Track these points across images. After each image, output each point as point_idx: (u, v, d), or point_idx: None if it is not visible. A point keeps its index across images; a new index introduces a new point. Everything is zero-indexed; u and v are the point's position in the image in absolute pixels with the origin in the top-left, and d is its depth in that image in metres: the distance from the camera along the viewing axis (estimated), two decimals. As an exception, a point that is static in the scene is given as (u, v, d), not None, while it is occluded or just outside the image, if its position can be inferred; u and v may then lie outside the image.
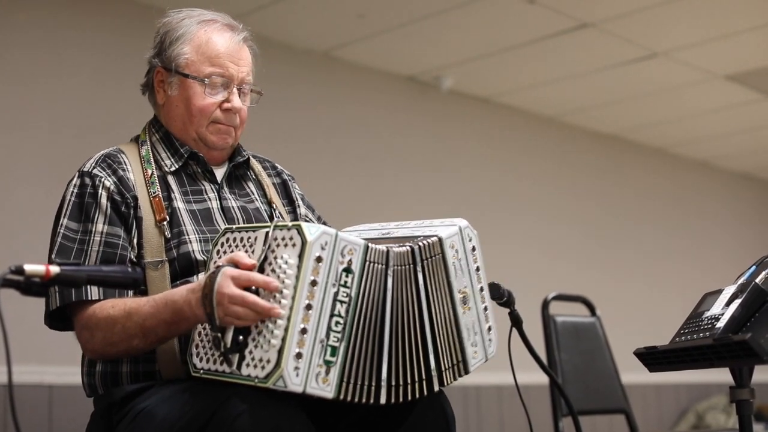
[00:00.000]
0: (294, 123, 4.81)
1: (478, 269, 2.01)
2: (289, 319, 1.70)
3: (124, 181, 2.03)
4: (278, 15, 4.47)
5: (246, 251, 1.79)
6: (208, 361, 1.80)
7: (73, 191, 2.03)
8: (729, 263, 5.04)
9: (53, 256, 1.97)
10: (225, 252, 1.84)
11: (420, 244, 1.90)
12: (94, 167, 2.04)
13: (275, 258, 1.74)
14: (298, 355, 1.69)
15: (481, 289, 2.01)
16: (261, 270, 1.76)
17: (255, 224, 1.92)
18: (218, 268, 1.76)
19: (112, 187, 2.01)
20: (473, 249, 2.00)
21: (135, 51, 4.33)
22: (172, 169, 2.09)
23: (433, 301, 1.91)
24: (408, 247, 1.88)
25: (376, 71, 5.35)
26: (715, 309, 2.06)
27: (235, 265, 1.76)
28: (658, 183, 7.09)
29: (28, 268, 1.54)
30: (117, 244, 1.97)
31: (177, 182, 2.09)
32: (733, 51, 5.23)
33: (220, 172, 2.16)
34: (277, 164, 2.34)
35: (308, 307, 1.71)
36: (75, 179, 2.05)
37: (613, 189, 6.72)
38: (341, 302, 1.75)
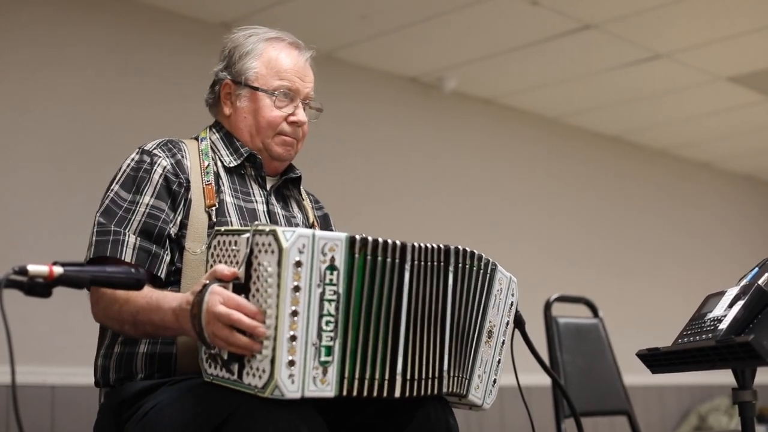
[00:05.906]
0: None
1: (507, 324, 2.07)
2: (276, 328, 1.69)
3: (181, 164, 2.11)
4: (280, 16, 4.47)
5: (234, 256, 1.79)
6: (216, 368, 1.80)
7: (130, 164, 2.11)
8: (731, 265, 5.03)
9: (98, 215, 2.05)
10: (216, 255, 1.84)
11: (458, 247, 1.94)
12: (155, 147, 2.13)
13: (259, 264, 1.73)
14: (291, 363, 1.68)
15: (503, 343, 2.06)
16: (247, 275, 1.75)
17: (239, 228, 1.92)
18: (205, 286, 1.77)
19: (168, 167, 2.09)
20: (512, 305, 2.08)
21: (138, 50, 4.37)
22: (231, 165, 2.17)
23: (461, 308, 1.95)
24: (438, 246, 1.90)
25: (379, 72, 5.36)
26: (718, 311, 2.06)
27: (219, 279, 1.77)
28: (660, 184, 7.09)
29: (32, 268, 1.54)
30: (159, 217, 2.03)
31: (229, 179, 2.16)
32: (736, 52, 5.23)
33: (270, 182, 2.24)
34: (319, 199, 2.41)
35: (294, 313, 1.69)
36: (134, 154, 2.12)
37: (615, 190, 6.72)
38: (329, 301, 1.73)
